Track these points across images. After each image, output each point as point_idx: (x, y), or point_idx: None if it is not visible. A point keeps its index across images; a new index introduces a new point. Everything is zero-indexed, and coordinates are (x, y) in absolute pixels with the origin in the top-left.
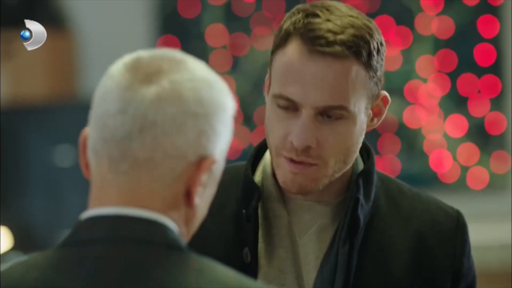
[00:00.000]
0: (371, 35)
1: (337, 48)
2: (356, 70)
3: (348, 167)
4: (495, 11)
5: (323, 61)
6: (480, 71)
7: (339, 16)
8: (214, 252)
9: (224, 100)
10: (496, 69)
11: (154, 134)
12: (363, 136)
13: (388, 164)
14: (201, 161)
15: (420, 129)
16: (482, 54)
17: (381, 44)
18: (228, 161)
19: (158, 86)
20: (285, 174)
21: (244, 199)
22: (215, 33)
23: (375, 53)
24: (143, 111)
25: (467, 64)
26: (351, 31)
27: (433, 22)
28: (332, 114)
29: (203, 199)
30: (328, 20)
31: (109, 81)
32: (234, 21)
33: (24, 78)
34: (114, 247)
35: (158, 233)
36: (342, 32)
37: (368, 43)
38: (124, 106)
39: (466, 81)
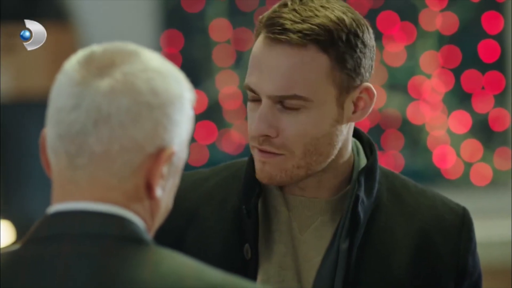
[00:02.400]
0: (337, 24)
1: (291, 35)
2: (314, 58)
3: (328, 159)
4: (499, 7)
5: (279, 49)
6: (484, 67)
7: (307, 6)
8: (215, 249)
9: (181, 90)
10: (500, 65)
11: (109, 127)
12: (341, 128)
13: (392, 159)
14: (160, 153)
15: (424, 125)
16: (486, 50)
17: (355, 35)
18: (232, 156)
19: (111, 78)
20: (257, 164)
21: (244, 195)
22: (219, 28)
23: (341, 43)
24: (97, 105)
25: (471, 60)
26: (312, 20)
27: (437, 18)
28: (288, 103)
29: (165, 191)
30: (293, 10)
31: (63, 77)
32: (238, 15)
33: (26, 72)
34: (69, 243)
35: (115, 226)
36: (302, 21)
37: (330, 32)
38: (77, 101)
39: (470, 77)
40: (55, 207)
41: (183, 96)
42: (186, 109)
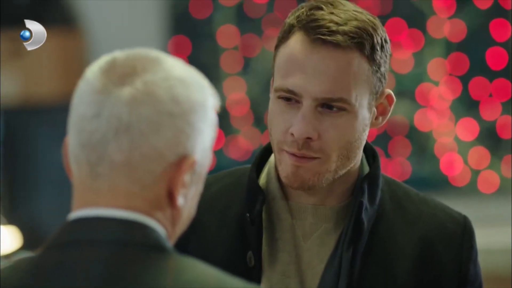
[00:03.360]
0: (375, 30)
1: (339, 37)
2: (359, 62)
3: (352, 164)
4: (507, 15)
5: (325, 51)
6: (491, 75)
7: (343, 10)
8: (217, 256)
9: (204, 98)
10: (507, 73)
11: (130, 137)
12: (367, 133)
13: (399, 167)
14: (181, 161)
15: (431, 132)
16: (494, 57)
17: (385, 40)
18: (238, 162)
19: (132, 87)
20: (287, 168)
21: (248, 202)
22: (227, 34)
23: (378, 47)
24: (117, 114)
25: (478, 67)
26: (354, 23)
27: (445, 25)
28: (333, 106)
29: (187, 200)
30: (332, 13)
31: (84, 85)
32: (246, 22)
33: (34, 77)
34: (92, 249)
35: (137, 233)
36: (345, 24)
37: (371, 36)
38: (98, 110)
39: (478, 84)
40: (76, 213)
41: (206, 103)
42: (209, 116)
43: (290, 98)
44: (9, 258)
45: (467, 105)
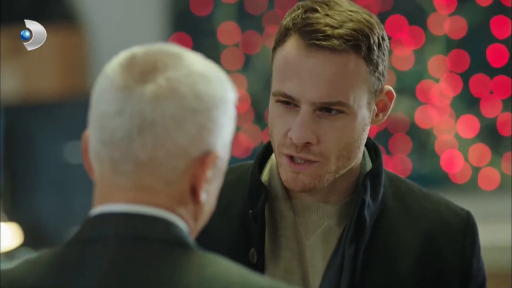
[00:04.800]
0: (371, 29)
1: (335, 41)
2: (355, 64)
3: (353, 163)
4: (508, 12)
5: (320, 56)
6: (492, 72)
7: (338, 11)
8: (220, 252)
9: (224, 93)
10: (508, 70)
11: (154, 134)
12: (367, 131)
13: (399, 164)
14: (205, 157)
15: (432, 129)
16: (495, 54)
17: (383, 38)
18: (239, 159)
19: (155, 84)
20: (287, 173)
21: (250, 199)
22: (227, 31)
23: (375, 47)
24: (141, 111)
25: (479, 64)
26: (349, 25)
27: (446, 22)
28: (331, 109)
29: (209, 194)
30: (327, 15)
31: (104, 81)
32: (247, 19)
33: (35, 74)
34: (116, 245)
35: (161, 230)
36: (340, 26)
37: (367, 37)
38: (121, 107)
39: (478, 81)
40: (99, 208)
41: (226, 98)
42: (230, 110)
43: (289, 102)
44: (10, 254)
45: (467, 102)
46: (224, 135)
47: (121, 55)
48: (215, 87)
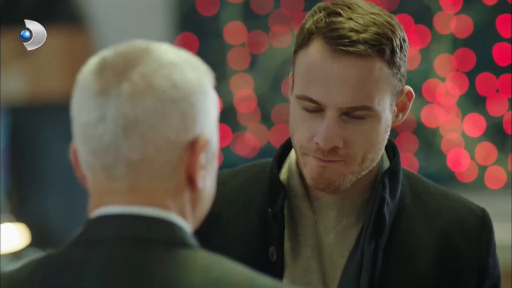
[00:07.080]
0: (394, 32)
1: (361, 47)
2: (380, 68)
3: (375, 164)
4: None
5: (346, 61)
6: (498, 71)
7: (361, 14)
8: (239, 251)
9: (200, 77)
10: None
11: (139, 132)
12: (389, 132)
13: (406, 162)
14: (194, 144)
15: (438, 128)
16: (501, 53)
17: (404, 40)
18: (246, 159)
19: (129, 82)
20: (313, 169)
21: (270, 197)
22: (234, 31)
23: (398, 50)
24: (122, 112)
25: (485, 63)
26: (373, 29)
27: (452, 21)
28: (355, 114)
29: (206, 179)
30: (350, 19)
31: (80, 91)
32: (253, 19)
33: (41, 75)
34: (119, 247)
35: (164, 230)
36: (364, 31)
37: (390, 40)
38: (102, 113)
39: (485, 80)
40: (99, 210)
41: (203, 82)
42: (209, 93)
43: (313, 107)
44: (17, 255)
45: (473, 101)
46: (208, 118)
47: (90, 62)
48: (190, 73)
